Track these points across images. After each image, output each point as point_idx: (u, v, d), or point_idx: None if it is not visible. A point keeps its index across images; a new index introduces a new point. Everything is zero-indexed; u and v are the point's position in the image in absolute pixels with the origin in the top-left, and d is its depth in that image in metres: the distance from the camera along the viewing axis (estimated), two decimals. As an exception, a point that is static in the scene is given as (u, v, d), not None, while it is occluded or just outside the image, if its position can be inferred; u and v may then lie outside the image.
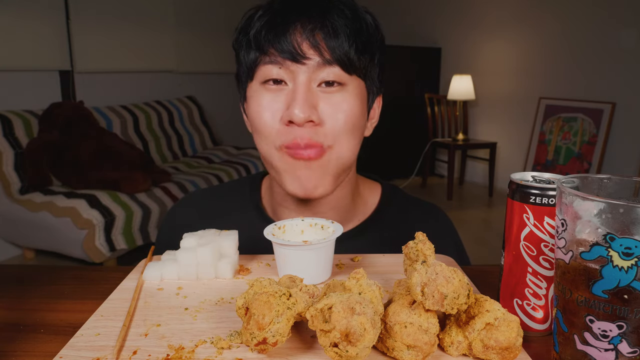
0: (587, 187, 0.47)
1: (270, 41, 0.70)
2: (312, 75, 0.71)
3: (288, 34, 0.69)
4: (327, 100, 0.72)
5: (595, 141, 4.28)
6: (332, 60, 0.70)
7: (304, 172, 0.74)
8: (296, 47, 0.69)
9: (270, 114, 0.72)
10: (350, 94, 0.73)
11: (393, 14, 5.94)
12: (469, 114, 5.50)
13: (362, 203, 0.89)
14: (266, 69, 0.72)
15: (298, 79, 0.71)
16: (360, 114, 0.76)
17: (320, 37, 0.69)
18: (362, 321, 0.41)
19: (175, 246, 0.68)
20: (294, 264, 0.62)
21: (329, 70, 0.71)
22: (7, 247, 3.37)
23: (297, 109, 0.69)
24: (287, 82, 0.72)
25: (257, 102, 0.74)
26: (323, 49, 0.70)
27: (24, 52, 3.47)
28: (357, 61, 0.72)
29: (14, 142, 3.19)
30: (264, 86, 0.73)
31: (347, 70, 0.71)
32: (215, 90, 5.16)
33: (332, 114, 0.72)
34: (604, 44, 4.22)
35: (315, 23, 0.69)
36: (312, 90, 0.71)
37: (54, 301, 0.63)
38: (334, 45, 0.70)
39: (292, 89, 0.71)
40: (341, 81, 0.72)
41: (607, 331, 0.41)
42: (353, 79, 0.73)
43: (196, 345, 0.48)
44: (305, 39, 0.69)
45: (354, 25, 0.71)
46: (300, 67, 0.70)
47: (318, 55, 0.70)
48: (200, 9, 4.92)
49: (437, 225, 0.90)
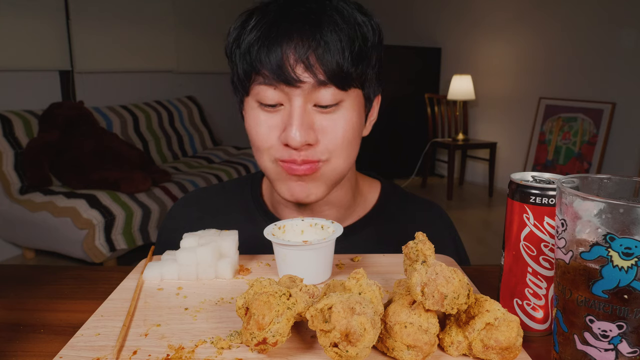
0: (587, 187, 0.47)
1: (263, 62, 0.68)
2: (307, 96, 0.70)
3: (281, 57, 0.67)
4: (324, 118, 0.71)
5: (595, 141, 4.28)
6: (326, 81, 0.69)
7: (297, 184, 0.75)
8: (290, 71, 0.67)
9: (267, 131, 0.72)
10: (347, 109, 0.72)
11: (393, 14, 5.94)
12: (469, 114, 5.50)
13: (362, 199, 0.90)
14: (261, 90, 0.71)
15: (294, 102, 0.70)
16: (358, 125, 0.75)
17: (314, 58, 0.68)
18: (362, 321, 0.41)
19: (175, 246, 0.68)
20: (294, 264, 0.62)
21: (324, 92, 0.69)
22: (7, 247, 3.37)
23: (294, 134, 0.68)
24: (282, 102, 0.71)
25: (254, 120, 0.74)
26: (317, 70, 0.68)
27: (24, 52, 3.47)
28: (353, 72, 0.70)
29: (14, 142, 3.19)
30: (260, 106, 0.72)
31: (342, 87, 0.70)
32: (215, 90, 5.16)
33: (329, 132, 0.71)
34: (604, 44, 4.22)
35: (308, 42, 0.67)
36: (308, 111, 0.71)
37: (54, 301, 0.63)
38: (327, 60, 0.68)
39: (289, 111, 0.70)
40: (337, 101, 0.71)
41: (607, 331, 0.41)
42: (350, 92, 0.72)
43: (196, 345, 0.48)
44: (299, 62, 0.68)
45: (348, 35, 0.69)
46: (295, 90, 0.69)
47: (312, 77, 0.68)
48: (200, 9, 4.92)
49: (436, 220, 0.91)
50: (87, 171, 3.20)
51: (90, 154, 3.27)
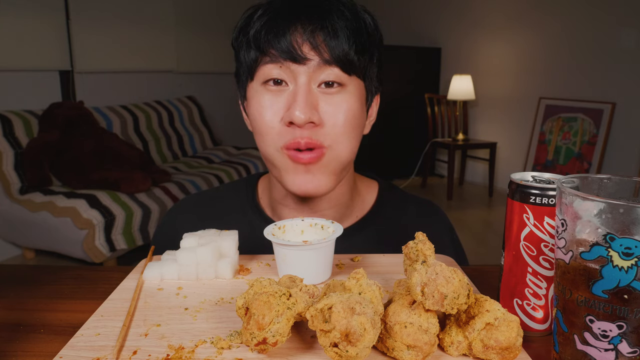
0: (587, 187, 0.47)
1: (270, 41, 0.70)
2: (312, 75, 0.71)
3: (288, 35, 0.69)
4: (327, 100, 0.72)
5: (595, 141, 4.28)
6: (331, 61, 0.71)
7: (304, 175, 0.74)
8: (296, 47, 0.69)
9: (271, 114, 0.73)
10: (350, 94, 0.74)
11: (393, 14, 5.94)
12: (469, 114, 5.50)
13: (360, 200, 0.90)
14: (266, 69, 0.72)
15: (299, 80, 0.71)
16: (360, 113, 0.76)
17: (321, 38, 0.70)
18: (362, 321, 0.41)
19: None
20: (294, 264, 0.62)
21: (329, 71, 0.71)
22: (7, 247, 3.37)
23: (298, 111, 0.69)
24: (287, 82, 0.72)
25: (257, 102, 0.74)
26: (323, 49, 0.70)
27: (24, 52, 3.47)
28: (357, 61, 0.72)
29: (14, 142, 3.19)
30: (265, 86, 0.73)
31: (346, 70, 0.72)
32: (215, 90, 5.16)
33: (332, 114, 0.72)
34: (604, 44, 4.22)
35: (315, 24, 0.70)
36: (313, 91, 0.72)
37: (54, 301, 0.63)
38: (333, 45, 0.70)
39: (293, 90, 0.72)
40: (341, 82, 0.72)
41: (607, 331, 0.41)
42: (352, 79, 0.74)
43: (196, 345, 0.48)
44: (305, 40, 0.70)
45: (354, 26, 0.72)
46: (300, 67, 0.71)
47: (318, 56, 0.70)
48: (200, 9, 4.92)
49: (435, 222, 0.91)
50: (87, 171, 3.20)
51: (90, 154, 3.27)
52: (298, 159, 0.72)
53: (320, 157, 0.73)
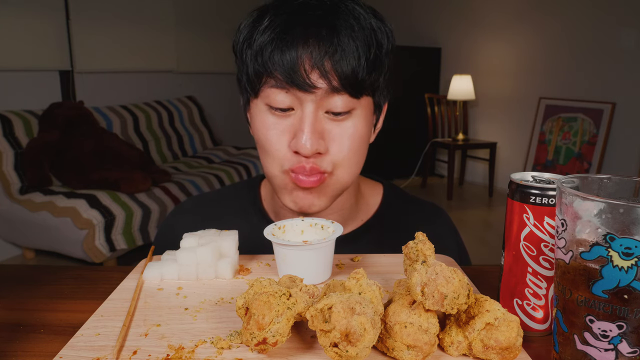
0: (587, 187, 0.47)
1: (277, 64, 0.66)
2: (319, 102, 0.68)
3: (297, 60, 0.65)
4: (334, 126, 0.71)
5: (595, 141, 4.28)
6: (340, 88, 0.67)
7: (301, 194, 0.74)
8: (305, 76, 0.66)
9: (277, 136, 0.71)
10: (359, 118, 0.72)
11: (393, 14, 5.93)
12: (469, 114, 5.50)
13: (365, 204, 0.89)
14: (272, 93, 0.69)
15: (305, 108, 0.68)
16: (367, 134, 0.75)
17: (330, 64, 0.66)
18: (362, 321, 0.41)
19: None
20: (294, 264, 0.62)
21: (337, 99, 0.68)
22: (7, 247, 3.37)
23: (305, 141, 0.67)
24: (294, 107, 0.69)
25: (262, 122, 0.72)
26: (332, 77, 0.66)
27: (24, 52, 3.47)
28: (368, 80, 0.69)
29: (14, 142, 3.19)
30: (270, 109, 0.71)
31: (355, 95, 0.69)
32: (215, 90, 5.16)
33: (339, 141, 0.71)
34: (603, 44, 4.22)
35: (325, 47, 0.65)
36: (319, 117, 0.70)
37: (54, 301, 0.63)
38: (342, 70, 0.66)
39: (300, 117, 0.69)
40: (349, 109, 0.70)
41: (607, 331, 0.41)
42: (362, 100, 0.71)
43: (196, 345, 0.48)
44: (314, 68, 0.66)
45: (364, 42, 0.68)
46: (307, 95, 0.68)
47: (327, 84, 0.67)
48: (200, 9, 4.92)
49: (440, 225, 0.90)
50: (87, 171, 3.20)
51: (90, 154, 3.27)
52: (301, 182, 0.72)
53: (322, 181, 0.73)
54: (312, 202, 0.75)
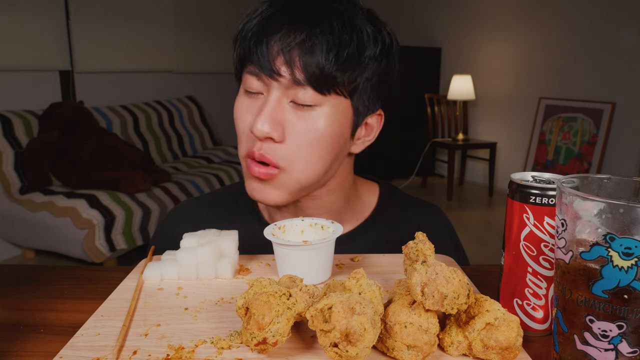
0: (587, 187, 0.47)
1: (252, 50, 0.69)
2: (285, 91, 0.69)
3: (268, 45, 0.67)
4: (297, 117, 0.70)
5: (595, 141, 4.28)
6: (303, 81, 0.67)
7: (255, 184, 0.74)
8: (270, 62, 0.67)
9: (243, 116, 0.73)
10: (325, 116, 0.70)
11: (393, 14, 5.93)
12: (469, 114, 5.50)
13: (361, 204, 0.89)
14: (248, 78, 0.71)
15: (271, 93, 0.70)
16: (335, 135, 0.72)
17: (296, 54, 0.66)
18: (362, 321, 0.41)
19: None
20: (294, 264, 0.62)
21: (302, 91, 0.68)
22: (7, 247, 3.37)
23: (259, 123, 0.68)
24: (263, 92, 0.71)
25: (237, 106, 0.75)
26: (296, 67, 0.66)
27: (24, 52, 3.47)
28: (340, 78, 0.68)
29: (14, 142, 3.18)
30: (246, 93, 0.73)
31: (320, 90, 0.68)
32: (215, 90, 5.16)
33: (299, 133, 0.70)
34: (603, 43, 4.22)
35: (294, 36, 0.66)
36: (283, 105, 0.70)
37: (54, 301, 0.63)
38: (308, 62, 0.66)
39: (263, 101, 0.71)
40: (314, 103, 0.69)
41: (607, 331, 0.41)
42: (330, 98, 0.69)
43: (196, 345, 0.48)
44: (280, 54, 0.67)
45: (340, 38, 0.66)
46: (273, 82, 0.69)
47: (289, 74, 0.67)
48: (200, 9, 4.92)
49: (436, 224, 0.90)
50: (87, 171, 3.20)
51: (91, 154, 3.27)
52: (251, 170, 0.72)
53: (272, 177, 0.72)
54: (265, 195, 0.74)
